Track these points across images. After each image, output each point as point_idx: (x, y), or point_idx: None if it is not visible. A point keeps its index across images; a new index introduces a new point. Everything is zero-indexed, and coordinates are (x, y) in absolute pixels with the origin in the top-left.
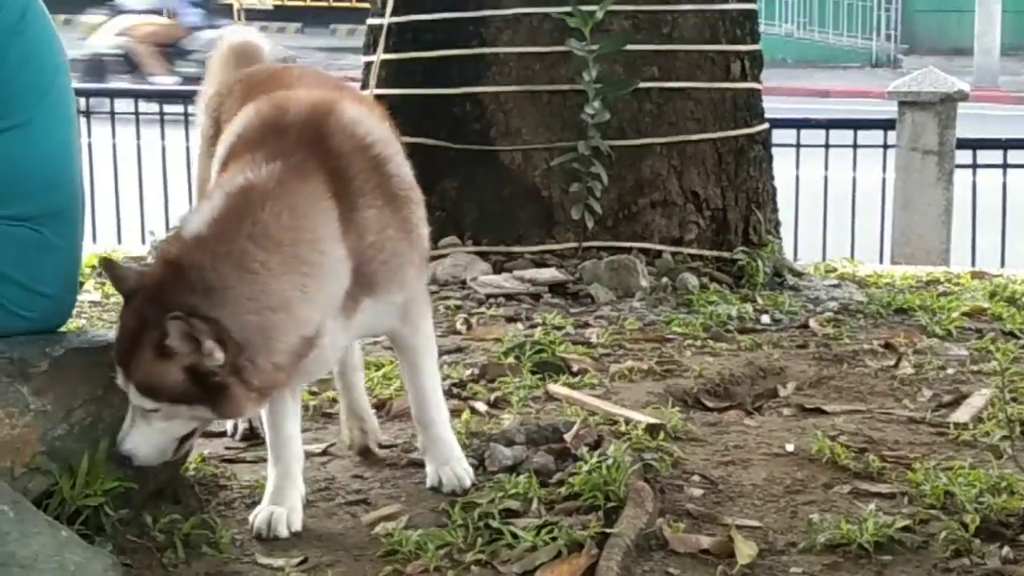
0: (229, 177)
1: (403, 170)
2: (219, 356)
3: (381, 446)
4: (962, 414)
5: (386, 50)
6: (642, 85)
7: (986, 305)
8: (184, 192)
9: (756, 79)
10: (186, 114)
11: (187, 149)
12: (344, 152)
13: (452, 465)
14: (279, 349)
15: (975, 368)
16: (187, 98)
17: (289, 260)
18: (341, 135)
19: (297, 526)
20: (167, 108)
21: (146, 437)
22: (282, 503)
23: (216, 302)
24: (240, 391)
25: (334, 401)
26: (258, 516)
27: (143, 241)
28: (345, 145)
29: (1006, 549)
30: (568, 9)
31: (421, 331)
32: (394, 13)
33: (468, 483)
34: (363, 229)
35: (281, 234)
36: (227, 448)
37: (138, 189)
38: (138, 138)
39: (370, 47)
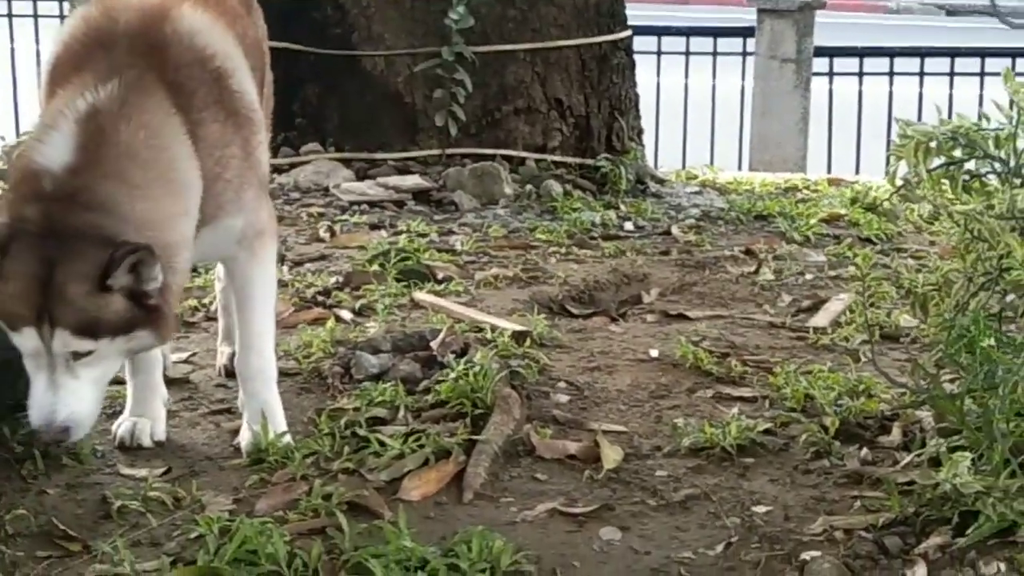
0: (68, 100)
1: (246, 86)
2: (160, 279)
3: None
4: (821, 319)
5: None
6: None
7: (843, 212)
8: (34, 96)
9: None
10: (35, 15)
11: (36, 52)
12: (182, 64)
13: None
14: (182, 268)
15: (833, 274)
16: None
17: (164, 180)
18: (177, 46)
19: (161, 435)
20: (16, 8)
21: (79, 395)
22: (144, 413)
23: (133, 227)
24: (168, 311)
25: (195, 310)
26: (121, 426)
27: None
28: (183, 56)
29: (865, 450)
30: None
31: (258, 259)
32: None
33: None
34: (209, 146)
35: (148, 153)
36: None
37: None
38: None
39: None
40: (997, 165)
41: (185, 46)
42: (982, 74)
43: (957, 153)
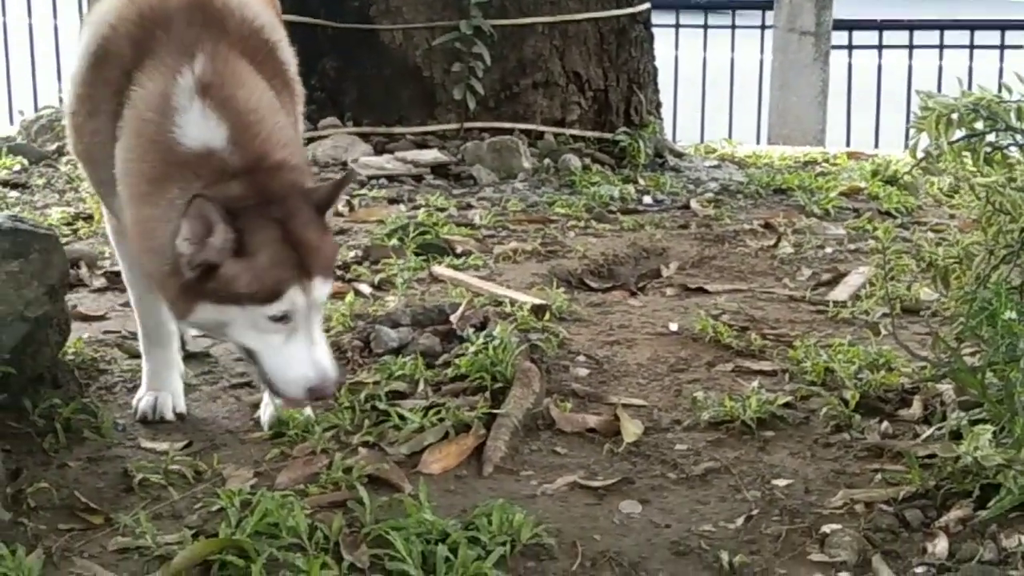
0: (169, 82)
1: (288, 56)
2: None
3: None
4: (840, 292)
5: None
6: None
7: (863, 185)
8: (53, 70)
9: None
10: None
11: (55, 28)
12: (243, 35)
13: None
14: None
15: (852, 247)
16: None
17: (291, 137)
18: (232, 19)
19: (181, 408)
20: None
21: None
22: (163, 387)
23: (307, 176)
24: None
25: None
26: (142, 400)
27: (11, 121)
28: (242, 28)
29: (885, 424)
30: None
31: None
32: None
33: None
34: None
35: (274, 116)
36: (105, 332)
37: (4, 69)
38: (3, 15)
39: None
40: (1019, 137)
41: (238, 19)
42: (1002, 47)
43: (979, 125)
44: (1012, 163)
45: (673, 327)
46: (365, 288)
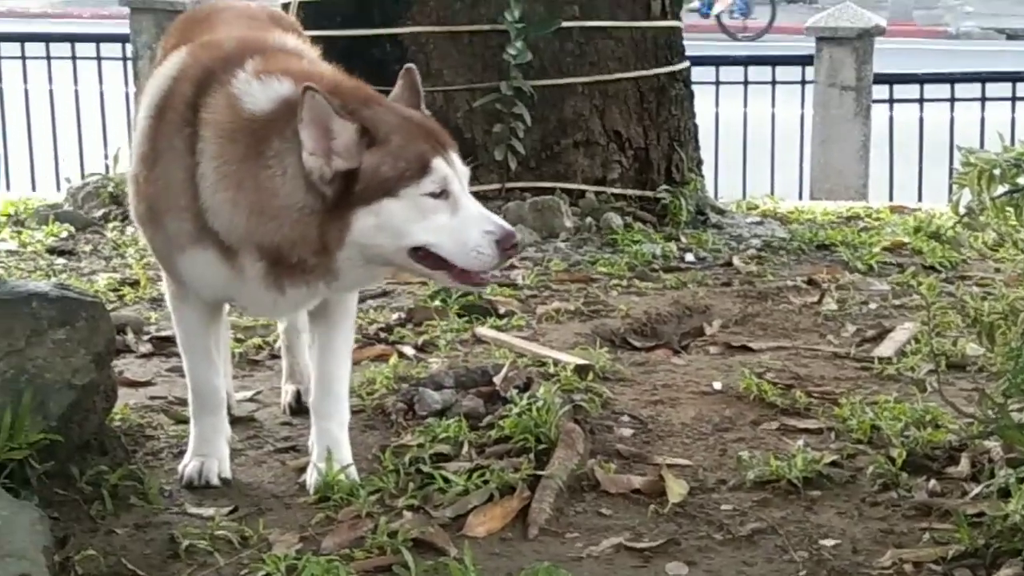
0: (227, 83)
1: None
2: None
3: None
4: (886, 348)
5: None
6: (564, 24)
7: (906, 239)
8: (99, 137)
9: (676, 17)
10: (99, 57)
11: (100, 94)
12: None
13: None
14: None
15: (897, 303)
16: (102, 41)
17: None
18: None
19: (227, 473)
20: (80, 50)
21: None
22: (211, 452)
23: None
24: None
25: (259, 348)
26: (188, 466)
27: (58, 188)
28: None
29: (932, 482)
30: None
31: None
32: None
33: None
34: None
35: None
36: (152, 398)
37: (51, 136)
38: (50, 83)
39: None
40: None
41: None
42: None
43: (1021, 180)
44: None
45: (717, 386)
46: (409, 350)
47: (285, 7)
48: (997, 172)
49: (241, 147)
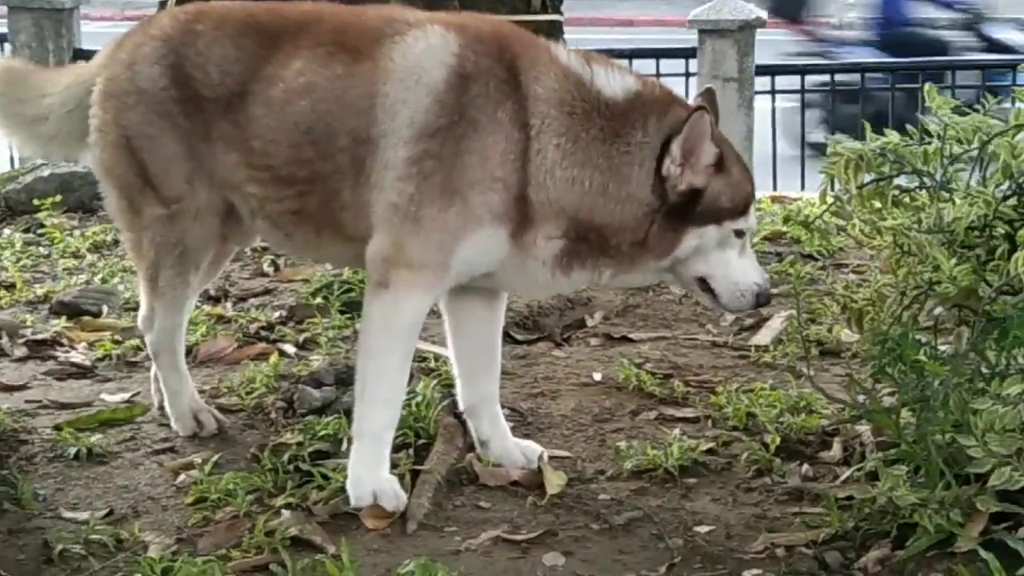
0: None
1: None
2: None
3: None
4: (763, 337)
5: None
6: None
7: (785, 229)
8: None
9: (557, 10)
10: None
11: None
12: None
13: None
14: None
15: (775, 291)
16: None
17: None
18: None
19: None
20: None
21: None
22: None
23: None
24: None
25: (138, 349)
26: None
27: None
28: None
29: (806, 467)
30: None
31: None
32: None
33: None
34: None
35: None
36: (27, 401)
37: None
38: None
39: None
40: (926, 180)
41: None
42: (921, 87)
43: (886, 169)
44: (919, 206)
45: (597, 377)
46: (290, 348)
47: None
48: (864, 161)
49: (595, 129)
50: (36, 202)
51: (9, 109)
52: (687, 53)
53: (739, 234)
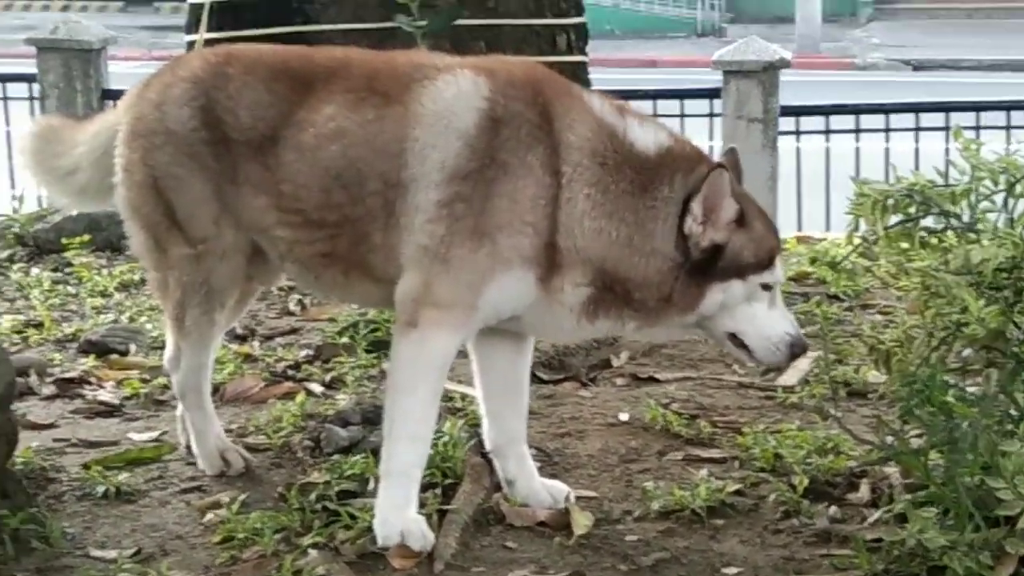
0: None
1: None
2: None
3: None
4: (789, 377)
5: (209, 29)
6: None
7: (811, 270)
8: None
9: (582, 51)
10: (5, 97)
11: (7, 134)
12: None
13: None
14: None
15: (802, 331)
16: (8, 80)
17: None
18: None
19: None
20: None
21: None
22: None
23: None
24: None
25: (165, 388)
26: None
27: None
28: None
29: (833, 508)
30: None
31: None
32: None
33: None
34: None
35: None
36: (55, 440)
37: None
38: None
39: (192, 26)
40: (953, 221)
41: None
42: (947, 128)
43: (913, 210)
44: (946, 247)
45: (623, 417)
46: (316, 387)
47: (191, 44)
48: (890, 202)
49: (625, 182)
50: (64, 241)
51: (45, 164)
52: (711, 93)
53: (766, 287)
